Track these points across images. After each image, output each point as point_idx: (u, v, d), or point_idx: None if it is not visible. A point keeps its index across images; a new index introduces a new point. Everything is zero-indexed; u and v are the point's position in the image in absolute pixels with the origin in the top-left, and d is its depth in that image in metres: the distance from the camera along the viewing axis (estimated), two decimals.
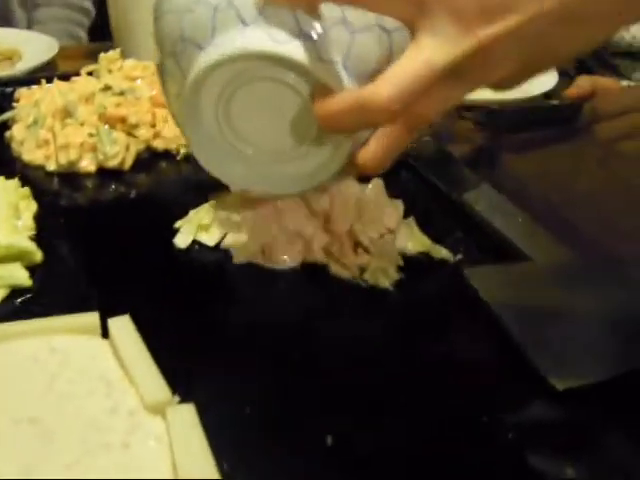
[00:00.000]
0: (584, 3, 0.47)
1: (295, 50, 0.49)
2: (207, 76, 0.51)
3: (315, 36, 0.50)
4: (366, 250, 0.69)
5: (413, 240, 0.72)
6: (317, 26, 0.50)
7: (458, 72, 0.49)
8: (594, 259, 0.73)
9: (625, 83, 1.27)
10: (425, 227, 0.75)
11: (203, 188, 0.77)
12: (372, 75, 0.50)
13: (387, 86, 0.47)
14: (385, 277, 0.68)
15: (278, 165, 0.56)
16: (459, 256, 0.73)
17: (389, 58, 0.52)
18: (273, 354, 0.61)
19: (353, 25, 0.51)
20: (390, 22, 0.51)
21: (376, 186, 0.72)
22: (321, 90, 0.49)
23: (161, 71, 0.57)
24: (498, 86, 0.54)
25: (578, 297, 0.64)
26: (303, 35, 0.49)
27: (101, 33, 1.47)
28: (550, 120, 1.03)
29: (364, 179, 0.72)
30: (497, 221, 0.77)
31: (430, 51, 0.47)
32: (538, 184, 0.90)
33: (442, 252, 0.73)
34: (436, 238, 0.75)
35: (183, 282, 0.69)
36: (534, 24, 0.47)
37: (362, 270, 0.69)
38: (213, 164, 0.56)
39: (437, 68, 0.47)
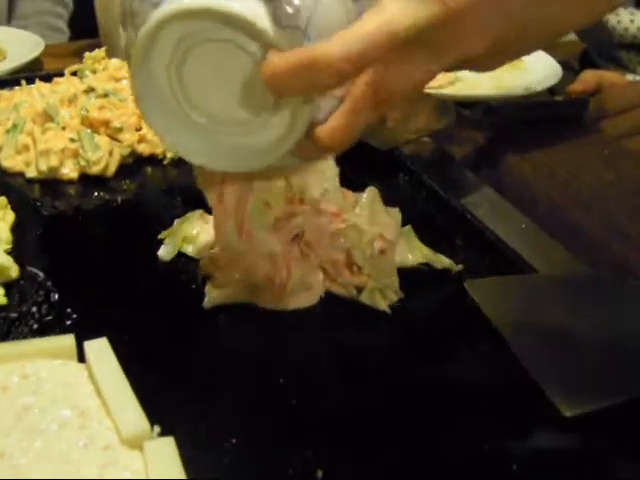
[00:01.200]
0: None
1: (251, 10, 0.46)
2: (157, 33, 0.48)
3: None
4: (360, 269, 0.65)
5: (413, 251, 0.69)
6: None
7: (424, 42, 0.45)
8: (601, 268, 0.70)
9: (630, 77, 1.23)
10: (424, 234, 0.72)
11: (190, 195, 0.74)
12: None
13: (338, 45, 0.44)
14: (382, 298, 0.64)
15: (234, 137, 0.52)
16: (460, 266, 0.69)
17: None
18: (261, 381, 0.58)
19: None
20: None
21: (371, 195, 0.68)
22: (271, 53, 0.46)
23: (123, 33, 0.54)
24: (468, 66, 0.50)
25: (584, 314, 0.61)
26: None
27: (81, 25, 1.45)
28: (554, 117, 1.00)
29: (360, 188, 0.68)
30: (499, 228, 0.73)
31: (391, 13, 0.44)
32: (542, 186, 0.87)
33: (444, 262, 0.69)
34: (435, 246, 0.71)
35: (166, 300, 0.66)
36: None
37: (359, 289, 0.65)
38: (168, 135, 0.53)
39: (396, 31, 0.44)
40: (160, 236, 0.72)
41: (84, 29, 1.28)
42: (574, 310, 0.61)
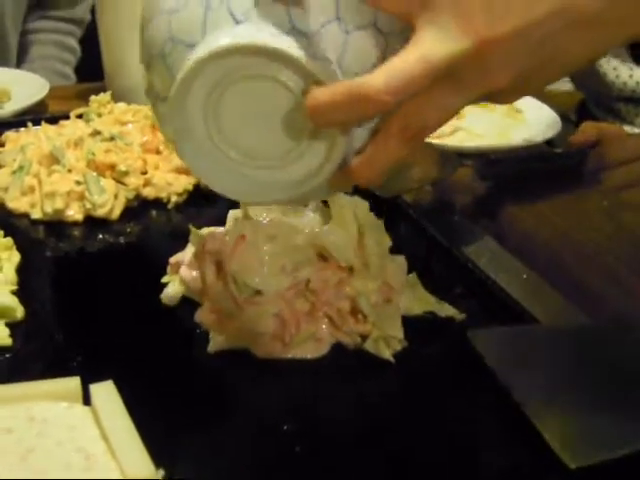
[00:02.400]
0: (602, 4, 0.45)
1: (288, 45, 0.47)
2: (196, 73, 0.48)
3: (309, 33, 0.48)
4: (365, 318, 0.65)
5: (417, 300, 0.69)
6: (310, 23, 0.48)
7: (456, 75, 0.46)
8: (601, 319, 0.70)
9: (628, 128, 1.25)
10: (425, 282, 0.72)
11: None
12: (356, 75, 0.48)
13: (381, 77, 0.45)
14: (386, 347, 0.64)
15: (270, 171, 0.52)
16: (463, 315, 0.69)
17: (384, 61, 0.49)
18: (266, 427, 0.58)
19: (347, 24, 0.48)
20: (386, 24, 0.49)
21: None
22: (314, 86, 0.47)
23: (148, 75, 0.54)
24: (494, 98, 0.51)
25: (587, 365, 0.61)
26: (296, 31, 0.47)
27: (87, 71, 1.46)
28: (554, 168, 1.01)
29: None
30: (500, 277, 0.74)
31: (429, 46, 0.45)
32: (542, 236, 0.87)
33: (449, 310, 0.70)
34: (437, 294, 0.71)
35: (171, 344, 0.66)
36: (542, 26, 0.45)
37: (364, 338, 0.66)
38: (201, 170, 0.53)
39: (434, 64, 0.45)
40: (163, 279, 0.72)
41: (90, 75, 1.29)
42: (576, 361, 0.62)
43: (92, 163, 0.86)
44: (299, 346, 0.64)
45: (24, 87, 1.23)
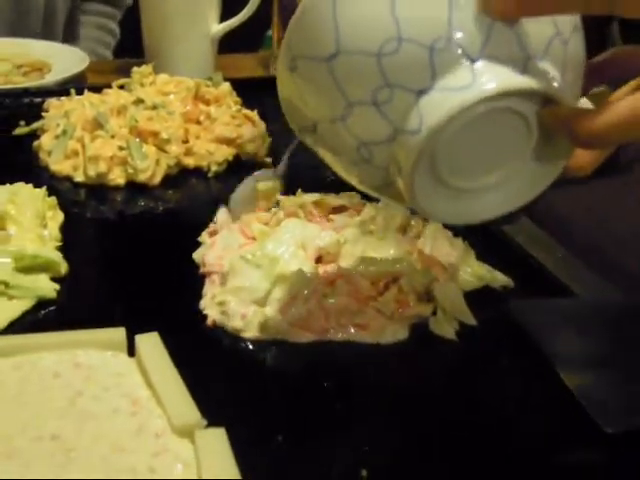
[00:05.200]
0: None
1: (532, 77, 0.45)
2: (450, 122, 0.45)
3: (540, 55, 0.46)
4: (430, 298, 0.66)
5: (473, 276, 0.70)
6: (538, 46, 0.46)
7: None
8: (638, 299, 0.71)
9: None
10: None
11: None
12: (578, 79, 0.48)
13: None
14: (450, 327, 0.64)
15: (489, 193, 0.51)
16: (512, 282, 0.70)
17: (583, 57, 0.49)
18: (309, 381, 0.59)
19: (563, 34, 0.47)
20: (579, 20, 0.48)
21: (434, 225, 0.71)
22: (555, 108, 0.45)
23: (339, 120, 0.49)
24: None
25: (625, 338, 0.62)
26: (531, 58, 0.45)
27: (123, 55, 1.47)
28: None
29: None
30: (538, 256, 0.74)
31: None
32: (578, 222, 0.87)
33: (502, 280, 0.71)
34: None
35: None
36: None
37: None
38: (425, 205, 0.49)
39: None
40: (200, 238, 0.73)
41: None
42: (615, 333, 0.62)
43: (134, 130, 0.87)
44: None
45: (65, 60, 1.24)
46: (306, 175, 0.79)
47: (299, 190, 0.77)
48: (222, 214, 0.75)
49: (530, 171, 0.49)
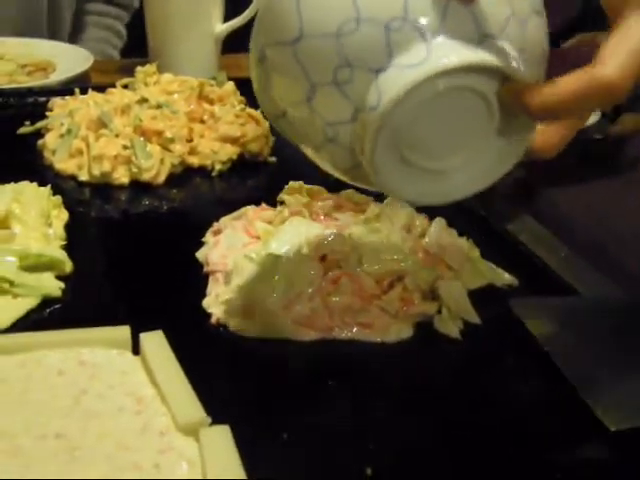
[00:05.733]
0: None
1: (489, 54, 0.46)
2: (407, 97, 0.46)
3: (497, 35, 0.47)
4: (434, 297, 0.66)
5: (477, 275, 0.70)
6: (495, 25, 0.47)
7: None
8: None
9: None
10: None
11: (236, 206, 0.76)
12: (538, 61, 0.49)
13: (612, 67, 0.44)
14: (454, 326, 0.64)
15: (456, 173, 0.52)
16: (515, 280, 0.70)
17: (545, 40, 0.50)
18: (313, 379, 0.59)
19: (520, 15, 0.48)
20: (540, 4, 0.50)
21: (438, 224, 0.71)
22: (513, 85, 0.47)
23: (304, 102, 0.50)
24: None
25: (627, 336, 0.62)
26: (488, 37, 0.47)
27: (129, 56, 1.47)
28: (592, 155, 1.01)
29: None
30: (540, 253, 0.74)
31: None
32: (580, 220, 0.87)
33: (506, 278, 0.71)
34: None
35: None
36: None
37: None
38: (391, 185, 0.50)
39: None
40: (204, 239, 0.74)
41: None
42: (617, 332, 0.62)
43: (139, 129, 0.87)
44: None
45: (69, 60, 1.25)
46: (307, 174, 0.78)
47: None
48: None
49: (495, 150, 0.50)
